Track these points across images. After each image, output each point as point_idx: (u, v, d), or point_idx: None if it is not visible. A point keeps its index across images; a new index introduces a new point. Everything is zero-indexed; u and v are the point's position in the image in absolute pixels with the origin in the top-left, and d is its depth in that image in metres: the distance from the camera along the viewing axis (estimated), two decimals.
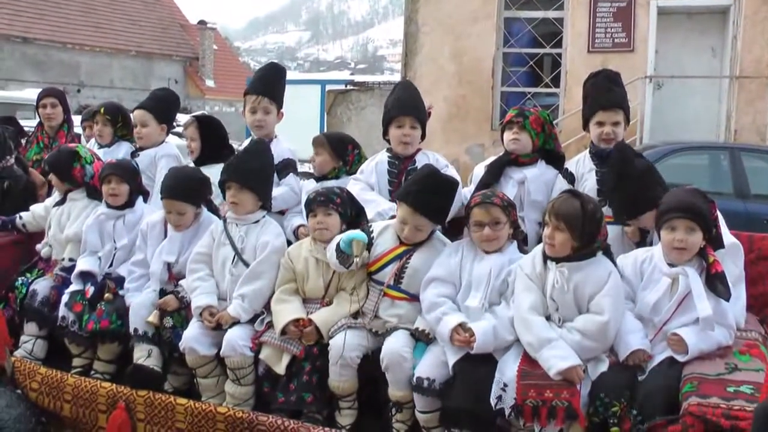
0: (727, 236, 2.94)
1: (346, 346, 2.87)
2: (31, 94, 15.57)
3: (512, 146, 3.41)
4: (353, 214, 3.19)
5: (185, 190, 3.35)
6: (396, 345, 2.83)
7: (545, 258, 2.73)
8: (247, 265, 3.19)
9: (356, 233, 2.96)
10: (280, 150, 3.70)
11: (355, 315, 3.04)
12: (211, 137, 3.96)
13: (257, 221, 3.27)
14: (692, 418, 2.22)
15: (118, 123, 4.39)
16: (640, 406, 2.44)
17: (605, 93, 3.34)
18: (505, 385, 2.58)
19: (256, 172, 3.25)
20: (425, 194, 2.92)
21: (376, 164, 3.53)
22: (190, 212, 3.38)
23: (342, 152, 3.77)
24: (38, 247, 3.85)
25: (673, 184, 3.37)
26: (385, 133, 3.52)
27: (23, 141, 5.11)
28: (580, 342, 2.59)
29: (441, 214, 3.02)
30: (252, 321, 3.13)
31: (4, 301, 3.65)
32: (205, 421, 2.90)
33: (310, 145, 3.85)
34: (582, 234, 2.63)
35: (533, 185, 3.37)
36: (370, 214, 3.25)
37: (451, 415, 2.67)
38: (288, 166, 3.68)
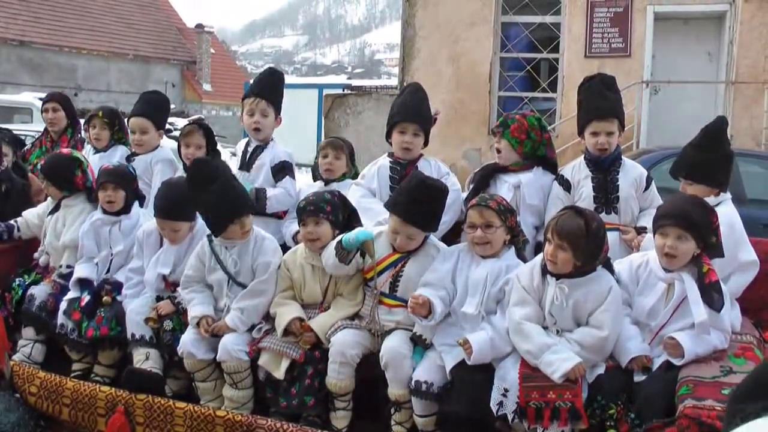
0: (748, 254, 2.99)
1: (346, 344, 2.88)
2: (27, 97, 15.54)
3: (496, 156, 3.47)
4: (345, 218, 3.18)
5: (179, 209, 3.30)
6: (395, 343, 2.85)
7: (544, 271, 2.72)
8: (242, 286, 3.15)
9: (363, 232, 2.92)
10: (276, 152, 3.72)
11: (353, 318, 3.06)
12: (212, 143, 3.98)
13: (248, 240, 3.18)
14: (687, 420, 2.24)
15: (115, 127, 4.38)
16: (638, 410, 2.46)
17: (599, 101, 3.32)
18: (506, 390, 2.60)
19: (230, 200, 3.09)
20: (414, 204, 2.91)
21: (377, 169, 3.53)
22: (185, 228, 3.36)
23: (353, 160, 3.94)
24: (35, 255, 3.84)
25: (669, 189, 3.40)
26: (389, 135, 3.52)
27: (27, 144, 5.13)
28: (578, 353, 2.60)
29: (432, 222, 3.01)
30: (249, 329, 3.13)
31: (0, 301, 3.65)
32: (204, 425, 2.91)
33: (308, 150, 3.89)
34: (585, 253, 2.62)
35: (528, 189, 3.37)
36: (370, 223, 3.25)
37: (450, 420, 2.69)
38: (284, 169, 3.69)
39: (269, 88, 3.75)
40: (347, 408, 2.95)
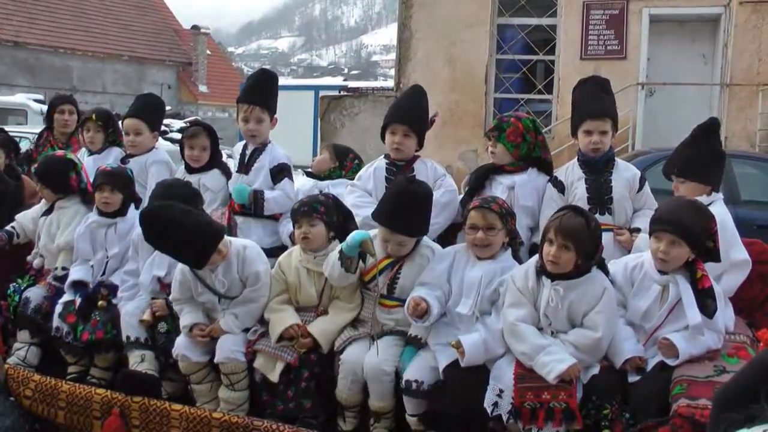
0: (740, 253, 3.00)
1: (358, 363, 2.87)
2: (21, 99, 15.51)
3: (491, 158, 3.47)
4: (340, 220, 3.17)
5: None
6: (378, 359, 2.85)
7: (539, 273, 2.73)
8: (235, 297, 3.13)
9: (359, 233, 2.92)
10: (275, 154, 3.71)
11: (353, 323, 3.06)
12: (215, 145, 3.97)
13: (228, 258, 3.10)
14: (681, 420, 2.26)
15: (110, 129, 4.37)
16: (633, 410, 2.48)
17: (594, 101, 3.34)
18: (501, 390, 2.61)
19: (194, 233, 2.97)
20: (399, 213, 2.91)
21: (374, 170, 3.54)
22: None
23: (342, 156, 3.94)
24: (29, 258, 3.82)
25: (665, 191, 3.41)
26: (383, 136, 3.53)
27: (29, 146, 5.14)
28: (573, 354, 2.61)
29: (419, 227, 3.01)
30: (245, 330, 3.13)
31: None
32: (201, 427, 2.90)
33: (303, 151, 3.89)
34: (586, 251, 2.64)
35: (522, 190, 3.38)
36: (369, 211, 3.25)
37: (443, 420, 2.69)
38: (282, 171, 3.68)
39: (261, 92, 3.71)
40: (356, 417, 2.98)
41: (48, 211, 3.76)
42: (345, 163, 3.93)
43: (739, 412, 1.19)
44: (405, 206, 2.91)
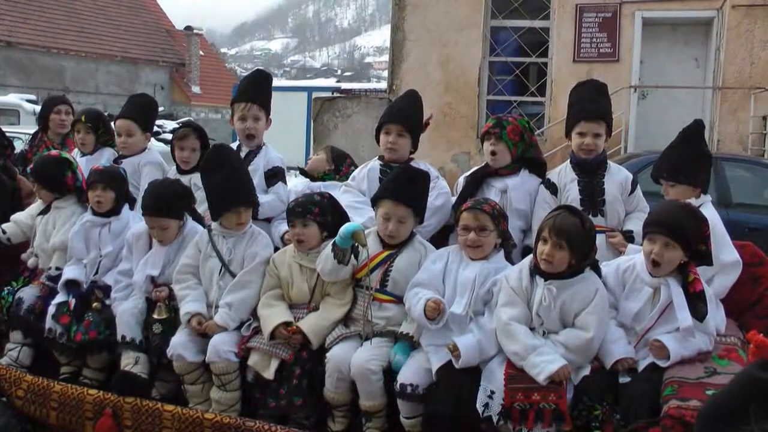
0: (730, 254, 3.01)
1: (344, 361, 2.87)
2: (14, 99, 15.45)
3: (491, 158, 3.43)
4: (335, 221, 3.18)
5: (166, 207, 3.31)
6: (364, 358, 2.84)
7: (532, 272, 2.75)
8: (234, 276, 3.19)
9: (351, 225, 2.95)
10: (270, 157, 3.71)
11: (345, 321, 3.06)
12: (206, 146, 3.97)
13: (244, 232, 3.26)
14: (671, 421, 2.27)
15: (100, 130, 4.36)
16: (624, 411, 2.49)
17: (590, 104, 3.37)
18: (492, 392, 2.62)
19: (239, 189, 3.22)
20: (402, 185, 3.04)
21: (368, 171, 3.56)
22: (173, 227, 3.36)
23: (339, 160, 3.94)
24: (24, 257, 3.81)
25: (657, 194, 3.43)
26: (378, 138, 3.55)
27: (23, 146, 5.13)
28: (564, 355, 2.62)
29: (419, 203, 3.09)
30: (238, 327, 3.14)
31: None
32: (193, 428, 2.91)
33: (296, 153, 3.90)
34: (580, 251, 2.66)
35: (515, 193, 3.39)
36: (360, 220, 3.27)
37: (435, 421, 2.70)
38: (277, 175, 3.69)
39: (259, 91, 3.72)
40: (346, 416, 2.97)
41: (45, 211, 3.76)
42: (341, 168, 3.91)
43: None
44: (408, 179, 3.05)
